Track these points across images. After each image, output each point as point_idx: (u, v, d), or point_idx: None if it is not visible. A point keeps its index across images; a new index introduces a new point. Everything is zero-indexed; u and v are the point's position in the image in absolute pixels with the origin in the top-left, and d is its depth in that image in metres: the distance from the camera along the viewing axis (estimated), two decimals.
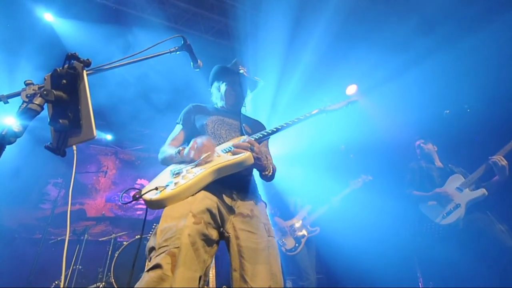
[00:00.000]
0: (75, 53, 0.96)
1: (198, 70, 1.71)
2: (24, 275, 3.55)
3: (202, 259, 1.18)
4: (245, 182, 1.54)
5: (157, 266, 1.07)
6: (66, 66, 0.96)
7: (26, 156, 3.96)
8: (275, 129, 1.58)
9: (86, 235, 3.82)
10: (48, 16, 3.16)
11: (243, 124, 1.73)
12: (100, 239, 3.95)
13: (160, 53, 1.41)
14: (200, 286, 1.13)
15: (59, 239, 3.97)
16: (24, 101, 0.93)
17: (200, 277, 1.13)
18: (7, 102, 1.00)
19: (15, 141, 0.88)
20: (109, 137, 5.48)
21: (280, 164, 1.82)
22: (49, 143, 0.99)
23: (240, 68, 1.91)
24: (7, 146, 0.88)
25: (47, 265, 3.63)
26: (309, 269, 3.30)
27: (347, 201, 3.45)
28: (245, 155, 1.34)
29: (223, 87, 1.85)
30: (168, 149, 1.58)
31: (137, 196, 1.23)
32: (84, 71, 0.96)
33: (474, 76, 3.22)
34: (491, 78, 3.13)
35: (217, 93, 1.89)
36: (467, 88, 2.98)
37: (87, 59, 0.96)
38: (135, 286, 1.06)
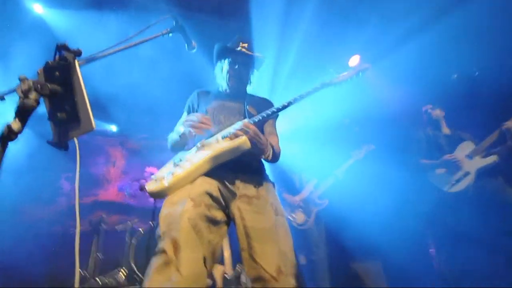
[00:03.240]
0: (64, 43, 0.93)
1: (194, 51, 1.65)
2: (47, 266, 3.74)
3: (206, 240, 1.21)
4: (248, 165, 1.51)
5: (161, 252, 1.13)
6: (57, 57, 0.93)
7: (34, 152, 4.03)
8: (275, 109, 1.51)
9: (102, 224, 3.95)
10: (37, 8, 3.08)
11: (247, 106, 1.67)
12: (116, 227, 4.08)
13: (152, 36, 1.36)
14: (208, 265, 1.16)
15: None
16: (20, 97, 0.92)
17: (204, 258, 1.16)
18: (4, 99, 0.99)
19: (16, 137, 0.88)
20: (113, 128, 5.51)
21: (283, 140, 1.77)
22: (50, 138, 0.99)
23: (241, 45, 1.82)
24: (12, 144, 0.89)
25: (69, 255, 3.80)
26: (320, 243, 3.38)
27: (353, 173, 3.44)
28: (240, 140, 1.32)
29: (225, 67, 1.78)
30: (174, 135, 1.61)
31: (142, 187, 1.26)
32: (76, 61, 0.94)
33: (482, 38, 3.05)
34: (500, 39, 2.96)
35: (220, 74, 1.82)
36: (475, 51, 2.83)
37: (78, 49, 0.93)
38: (146, 272, 1.10)
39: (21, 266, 3.64)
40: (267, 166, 1.72)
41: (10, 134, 0.85)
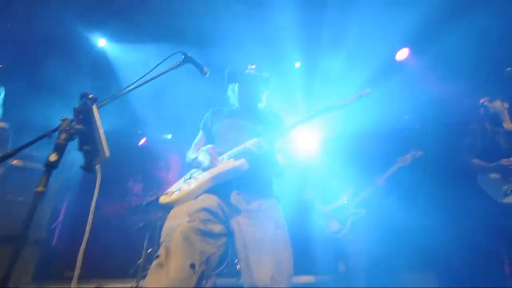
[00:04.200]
0: (86, 92, 1.20)
1: (207, 75, 1.82)
2: (116, 256, 4.48)
3: (198, 250, 1.36)
4: (253, 181, 1.62)
5: (157, 256, 1.34)
6: (82, 103, 1.21)
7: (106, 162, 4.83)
8: (283, 131, 1.63)
9: (158, 222, 4.51)
10: (101, 42, 3.75)
11: (257, 124, 1.80)
12: None
13: (165, 70, 1.58)
14: (198, 271, 1.32)
15: (140, 225, 4.79)
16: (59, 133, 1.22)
17: (193, 265, 1.32)
18: (51, 136, 1.31)
19: (57, 166, 1.17)
20: (169, 136, 6.19)
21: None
22: (83, 164, 1.28)
23: (249, 67, 1.96)
24: None
25: (134, 247, 4.52)
26: (361, 253, 3.24)
27: (396, 180, 3.18)
28: (238, 163, 1.45)
29: (236, 88, 1.95)
30: (191, 154, 1.83)
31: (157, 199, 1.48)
32: (94, 105, 1.20)
33: None
34: None
35: (232, 95, 2.00)
36: None
37: (94, 95, 1.19)
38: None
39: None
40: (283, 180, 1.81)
41: (50, 164, 1.14)
